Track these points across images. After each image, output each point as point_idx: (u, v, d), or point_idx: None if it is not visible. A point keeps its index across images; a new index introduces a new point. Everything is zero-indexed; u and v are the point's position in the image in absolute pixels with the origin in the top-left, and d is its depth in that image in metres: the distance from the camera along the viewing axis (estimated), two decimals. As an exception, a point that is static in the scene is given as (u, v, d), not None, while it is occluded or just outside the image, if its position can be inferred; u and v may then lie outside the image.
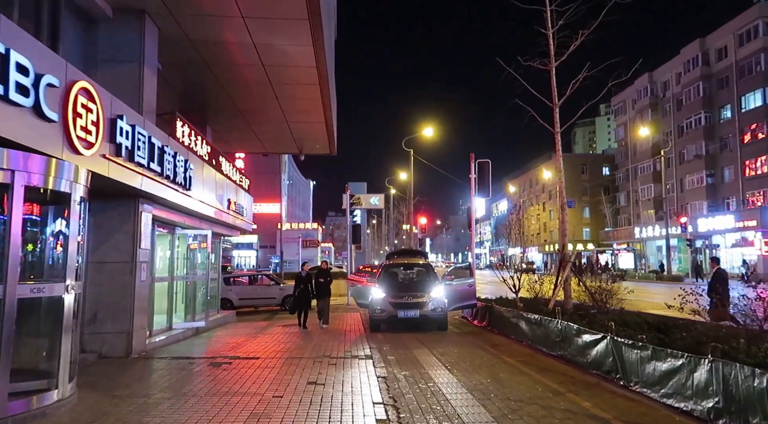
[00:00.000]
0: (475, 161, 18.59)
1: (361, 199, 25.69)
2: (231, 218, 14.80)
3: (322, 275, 13.81)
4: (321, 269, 14.26)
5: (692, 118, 52.02)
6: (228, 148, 19.83)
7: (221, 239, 16.66)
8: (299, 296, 13.55)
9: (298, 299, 13.62)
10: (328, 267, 14.68)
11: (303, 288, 13.44)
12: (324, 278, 13.72)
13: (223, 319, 15.63)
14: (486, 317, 13.46)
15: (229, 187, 14.54)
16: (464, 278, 13.99)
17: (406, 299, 12.49)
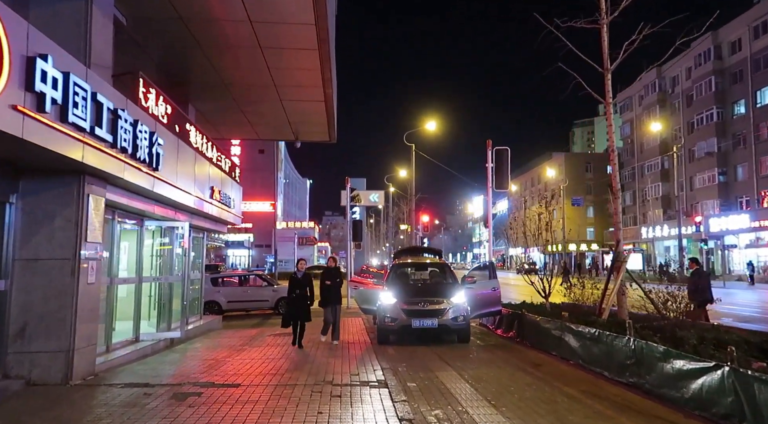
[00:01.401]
0: (492, 149, 16.56)
1: (360, 195, 23.68)
2: (216, 209, 12.73)
3: (330, 276, 10.83)
4: (328, 268, 11.31)
5: (703, 114, 50.16)
6: (216, 134, 17.73)
7: (205, 235, 14.58)
8: (294, 303, 10.31)
9: (292, 308, 10.39)
10: (337, 265, 11.56)
11: (299, 294, 10.25)
12: (332, 280, 10.78)
13: (206, 326, 13.56)
14: (513, 327, 11.42)
15: (213, 174, 12.47)
16: (487, 281, 11.94)
17: (421, 305, 10.42)
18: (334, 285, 10.78)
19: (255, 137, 18.71)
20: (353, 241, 21.36)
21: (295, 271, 10.79)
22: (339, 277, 11.03)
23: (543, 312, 10.79)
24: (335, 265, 11.52)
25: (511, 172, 16.38)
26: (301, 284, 10.35)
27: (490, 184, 16.66)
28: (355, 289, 12.89)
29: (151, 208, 9.51)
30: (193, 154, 10.87)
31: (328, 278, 10.87)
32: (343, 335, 12.16)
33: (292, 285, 10.42)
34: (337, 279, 10.90)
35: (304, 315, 10.36)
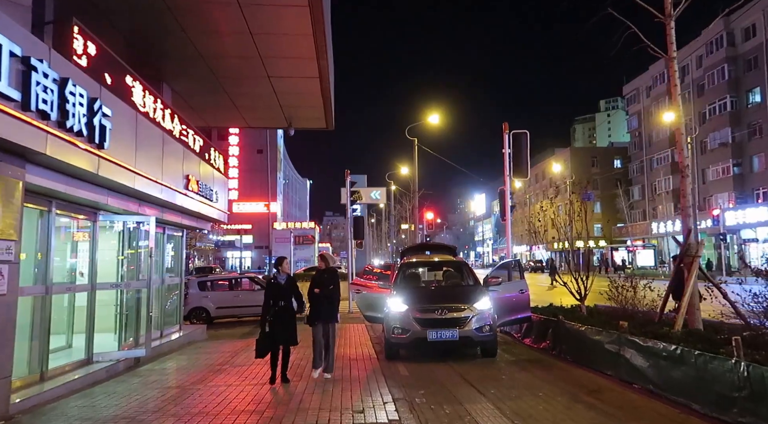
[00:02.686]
0: (509, 133, 14.71)
1: (360, 193, 21.85)
2: (194, 203, 10.89)
3: (321, 282, 7.60)
4: (318, 270, 7.94)
5: (716, 103, 48.29)
6: (200, 121, 15.89)
7: (185, 233, 12.73)
8: (272, 322, 7.27)
9: (269, 329, 7.29)
10: (331, 266, 7.96)
11: (282, 307, 7.30)
12: (324, 287, 7.57)
13: (185, 338, 11.73)
14: (547, 336, 9.56)
15: (190, 161, 10.63)
16: (513, 282, 10.07)
17: (439, 313, 8.55)
18: (326, 294, 7.54)
19: (244, 125, 16.88)
20: (354, 239, 19.51)
21: (274, 274, 7.72)
22: (334, 282, 7.72)
23: (582, 319, 8.94)
24: (328, 266, 7.83)
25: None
26: (282, 293, 7.33)
27: (507, 172, 14.78)
28: (357, 293, 11.04)
29: (104, 198, 7.66)
30: (160, 135, 9.01)
31: (318, 283, 7.59)
32: (345, 348, 10.31)
33: (270, 294, 7.32)
34: (330, 286, 7.60)
35: (288, 337, 7.36)
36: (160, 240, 11.22)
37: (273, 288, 7.44)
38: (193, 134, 10.96)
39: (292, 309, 7.49)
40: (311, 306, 7.69)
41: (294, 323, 7.47)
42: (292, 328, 7.45)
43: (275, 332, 7.28)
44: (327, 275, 7.75)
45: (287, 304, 7.40)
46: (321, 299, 7.59)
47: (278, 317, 7.30)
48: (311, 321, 7.67)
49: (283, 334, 7.32)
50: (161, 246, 11.21)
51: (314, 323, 7.67)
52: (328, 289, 7.62)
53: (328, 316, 7.66)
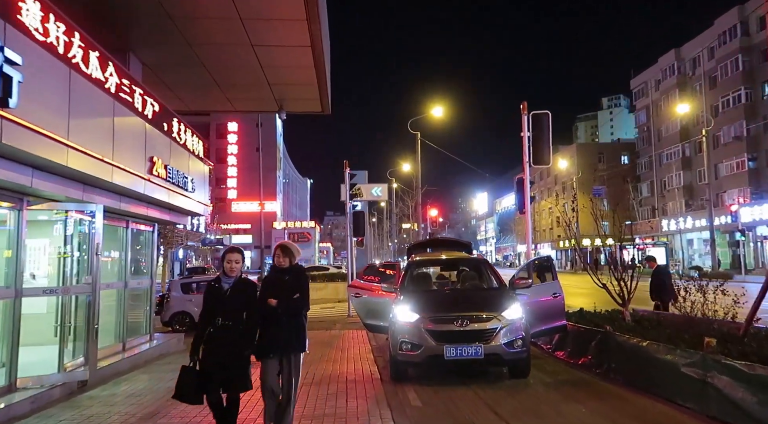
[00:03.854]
0: (528, 114, 12.95)
1: (361, 189, 20.12)
2: (161, 191, 9.13)
3: (281, 286, 4.84)
4: (278, 267, 4.96)
5: (729, 95, 46.47)
6: (179, 104, 14.13)
7: (155, 228, 10.98)
8: (206, 351, 4.53)
9: (200, 360, 4.52)
10: (295, 264, 5.03)
11: (223, 327, 4.50)
12: (286, 295, 4.79)
13: (156, 349, 9.99)
14: (589, 351, 7.79)
15: (154, 140, 8.88)
16: (544, 284, 8.30)
17: (458, 324, 6.77)
18: (287, 308, 4.76)
19: (230, 109, 15.09)
20: (354, 236, 17.75)
21: (218, 277, 4.77)
22: (300, 288, 4.89)
23: (634, 330, 7.19)
24: (291, 262, 4.95)
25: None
26: (228, 306, 4.55)
27: (526, 159, 13.00)
28: (356, 297, 9.29)
29: (27, 179, 5.91)
30: (110, 104, 7.25)
31: (273, 289, 4.83)
32: (340, 364, 8.55)
33: (210, 306, 4.61)
34: (294, 294, 4.82)
35: (232, 377, 4.51)
36: (123, 236, 9.48)
37: (211, 296, 4.59)
38: (158, 107, 9.15)
39: (237, 333, 4.50)
40: (262, 327, 4.71)
41: (243, 353, 4.53)
42: (241, 362, 4.51)
43: (209, 368, 4.42)
44: (289, 277, 4.84)
45: (234, 322, 4.49)
46: (279, 318, 4.68)
47: (216, 342, 4.44)
48: (261, 352, 4.70)
49: (223, 372, 4.41)
50: (124, 243, 9.48)
51: (266, 354, 4.71)
52: (291, 299, 4.75)
53: (288, 344, 4.74)
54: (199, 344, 4.56)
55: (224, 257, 4.76)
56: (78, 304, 7.59)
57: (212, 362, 4.45)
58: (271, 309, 4.71)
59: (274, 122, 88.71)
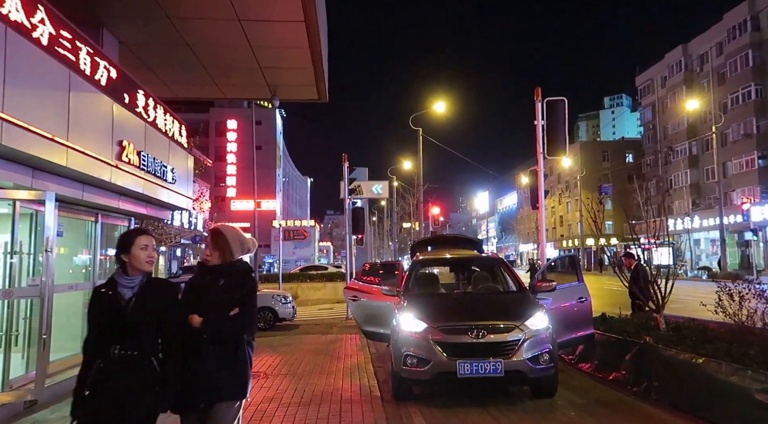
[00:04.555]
0: (542, 101, 11.88)
1: (361, 186, 19.08)
2: (134, 179, 8.08)
3: (211, 293, 3.07)
4: (204, 263, 3.22)
5: (739, 92, 45.37)
6: (166, 92, 13.09)
7: (132, 223, 9.89)
8: (91, 398, 2.71)
9: (83, 409, 2.74)
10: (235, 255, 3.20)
11: (118, 358, 2.75)
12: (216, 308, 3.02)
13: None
14: (622, 365, 6.72)
15: (124, 121, 7.81)
16: (569, 286, 7.23)
17: (473, 335, 5.68)
18: (213, 331, 3.01)
19: (220, 95, 14.03)
20: (353, 233, 16.68)
21: (111, 278, 2.99)
22: (244, 297, 3.12)
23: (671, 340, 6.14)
24: (226, 258, 3.18)
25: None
26: (130, 325, 2.80)
27: (540, 149, 11.92)
28: (353, 300, 8.23)
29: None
30: (65, 75, 6.18)
31: (198, 302, 3.05)
32: (334, 378, 7.48)
33: (99, 326, 2.84)
34: (230, 307, 3.05)
35: None
36: (91, 231, 8.42)
37: (101, 310, 2.87)
38: (122, 79, 8.02)
39: (155, 369, 2.84)
40: (184, 359, 2.96)
41: (155, 407, 2.87)
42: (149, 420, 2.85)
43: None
44: (225, 282, 3.13)
45: (141, 353, 2.82)
46: (201, 345, 3.00)
47: (110, 384, 2.74)
48: (179, 406, 3.00)
49: None
50: (92, 239, 8.41)
51: (182, 405, 3.00)
52: (225, 317, 3.04)
53: (215, 388, 3.01)
54: (82, 391, 2.74)
55: (127, 242, 2.92)
56: (34, 309, 6.54)
57: (98, 411, 2.69)
58: (192, 332, 2.93)
59: (274, 120, 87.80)
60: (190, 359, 2.95)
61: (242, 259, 3.27)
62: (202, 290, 3.12)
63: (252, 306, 3.21)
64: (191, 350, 2.95)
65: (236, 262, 3.22)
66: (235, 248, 3.20)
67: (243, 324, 3.12)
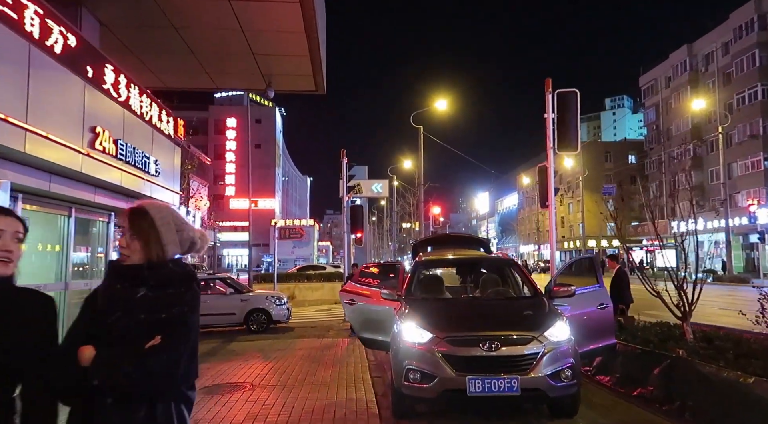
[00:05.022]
0: (553, 92, 11.17)
1: (361, 185, 18.42)
2: (110, 170, 7.37)
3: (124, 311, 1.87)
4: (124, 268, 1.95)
5: (745, 92, 44.70)
6: (155, 81, 12.38)
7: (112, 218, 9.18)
8: None
9: None
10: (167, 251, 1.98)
11: None
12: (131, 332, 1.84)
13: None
14: (649, 381, 6.01)
15: (100, 105, 7.10)
16: (588, 291, 6.52)
17: (485, 347, 4.94)
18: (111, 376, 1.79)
19: (211, 86, 13.31)
20: (352, 231, 15.96)
21: None
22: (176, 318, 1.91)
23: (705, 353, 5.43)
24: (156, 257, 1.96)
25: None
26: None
27: (550, 144, 11.21)
28: (350, 304, 7.52)
29: None
30: (22, 48, 5.46)
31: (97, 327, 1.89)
32: (328, 389, 6.76)
33: None
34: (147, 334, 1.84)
35: None
36: (63, 226, 7.71)
37: None
38: (82, 48, 7.23)
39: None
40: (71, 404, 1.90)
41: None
42: None
43: None
44: (147, 293, 1.92)
45: None
46: (97, 396, 1.82)
47: None
48: None
49: None
50: (65, 235, 7.70)
51: None
52: (136, 348, 1.82)
53: None
54: None
55: None
56: None
57: None
58: (82, 376, 1.80)
59: (273, 119, 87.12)
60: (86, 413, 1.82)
61: (181, 259, 2.06)
62: (108, 305, 1.92)
63: (185, 336, 1.92)
64: (84, 403, 1.84)
65: (170, 262, 1.99)
66: (168, 237, 1.99)
67: (162, 366, 1.82)
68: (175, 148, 10.19)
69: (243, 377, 7.76)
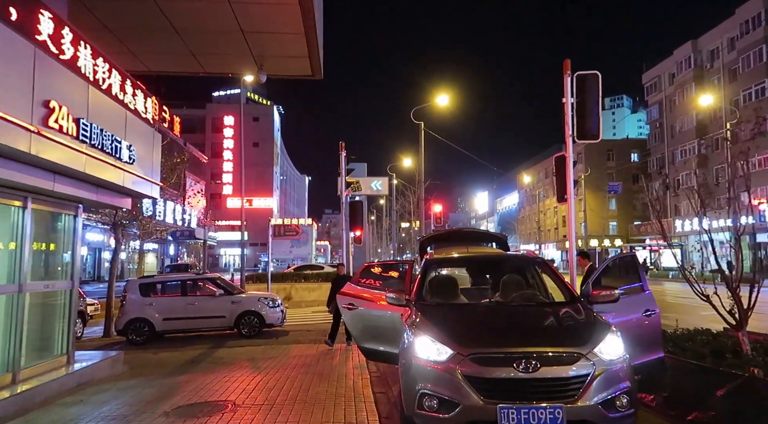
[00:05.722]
0: (572, 75, 10.13)
1: (360, 182, 17.44)
2: (69, 153, 6.32)
3: None
4: None
5: (752, 88, 43.76)
6: (134, 62, 11.33)
7: (80, 211, 8.13)
8: None
9: None
10: None
11: None
12: None
13: (69, 380, 7.18)
14: (712, 405, 4.99)
15: (57, 77, 6.06)
16: (632, 296, 5.50)
17: (520, 367, 3.90)
18: None
19: (199, 70, 12.25)
20: (351, 228, 14.91)
21: None
22: None
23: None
24: None
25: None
26: None
27: (569, 131, 10.18)
28: (349, 309, 6.50)
29: None
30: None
31: None
32: (324, 412, 5.72)
33: None
34: None
35: None
36: (17, 219, 6.67)
37: None
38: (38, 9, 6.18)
39: None
40: None
41: None
42: None
43: None
44: None
45: None
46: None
47: None
48: None
49: None
50: (19, 229, 6.66)
51: None
52: None
53: None
54: None
55: None
56: None
57: None
58: None
59: (271, 117, 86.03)
60: None
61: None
62: None
63: None
64: None
65: None
66: None
67: None
68: (154, 134, 9.14)
69: (226, 393, 6.73)
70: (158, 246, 51.07)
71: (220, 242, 66.30)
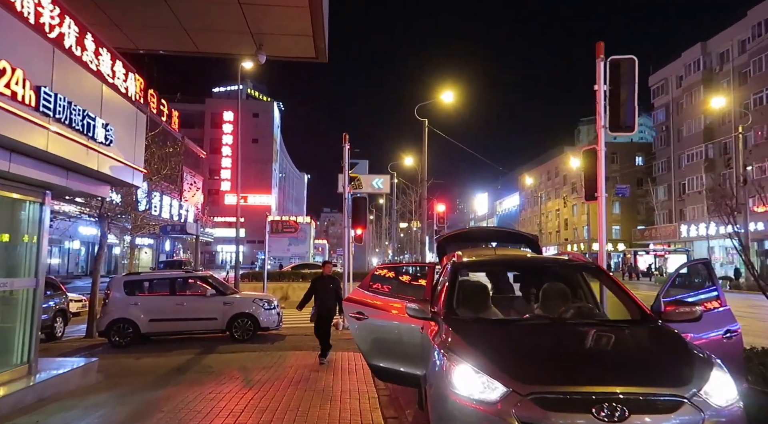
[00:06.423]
0: (605, 60, 9.05)
1: (361, 180, 16.43)
2: (26, 126, 5.27)
3: None
4: None
5: (763, 92, 42.80)
6: (121, 38, 10.25)
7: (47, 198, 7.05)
8: None
9: None
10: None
11: None
12: None
13: (30, 392, 6.13)
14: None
15: (10, 33, 5.01)
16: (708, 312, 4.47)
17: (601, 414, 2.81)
18: None
19: (193, 49, 11.14)
20: (353, 226, 13.86)
21: None
22: None
23: None
24: None
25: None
26: None
27: (601, 122, 9.12)
28: (357, 319, 5.47)
29: None
30: None
31: None
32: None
33: None
34: None
35: None
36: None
37: None
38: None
39: None
40: None
41: None
42: None
43: None
44: None
45: None
46: None
47: None
48: None
49: None
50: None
51: None
52: None
53: None
54: None
55: None
56: None
57: None
58: None
59: (271, 114, 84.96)
60: None
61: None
62: None
63: None
64: None
65: None
66: None
67: None
68: (137, 113, 8.09)
69: (209, 416, 5.68)
70: (153, 241, 49.99)
71: (217, 238, 65.23)
